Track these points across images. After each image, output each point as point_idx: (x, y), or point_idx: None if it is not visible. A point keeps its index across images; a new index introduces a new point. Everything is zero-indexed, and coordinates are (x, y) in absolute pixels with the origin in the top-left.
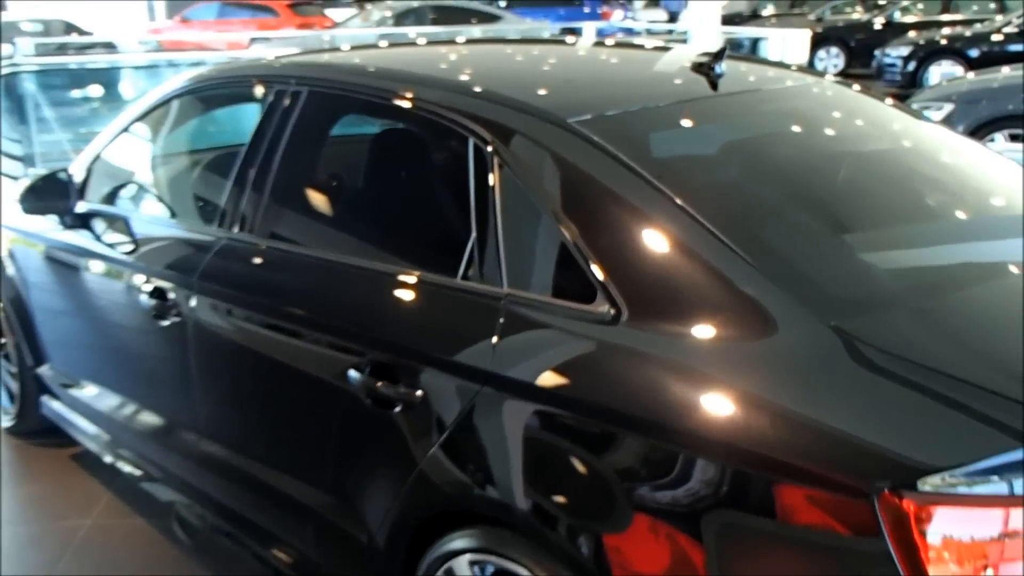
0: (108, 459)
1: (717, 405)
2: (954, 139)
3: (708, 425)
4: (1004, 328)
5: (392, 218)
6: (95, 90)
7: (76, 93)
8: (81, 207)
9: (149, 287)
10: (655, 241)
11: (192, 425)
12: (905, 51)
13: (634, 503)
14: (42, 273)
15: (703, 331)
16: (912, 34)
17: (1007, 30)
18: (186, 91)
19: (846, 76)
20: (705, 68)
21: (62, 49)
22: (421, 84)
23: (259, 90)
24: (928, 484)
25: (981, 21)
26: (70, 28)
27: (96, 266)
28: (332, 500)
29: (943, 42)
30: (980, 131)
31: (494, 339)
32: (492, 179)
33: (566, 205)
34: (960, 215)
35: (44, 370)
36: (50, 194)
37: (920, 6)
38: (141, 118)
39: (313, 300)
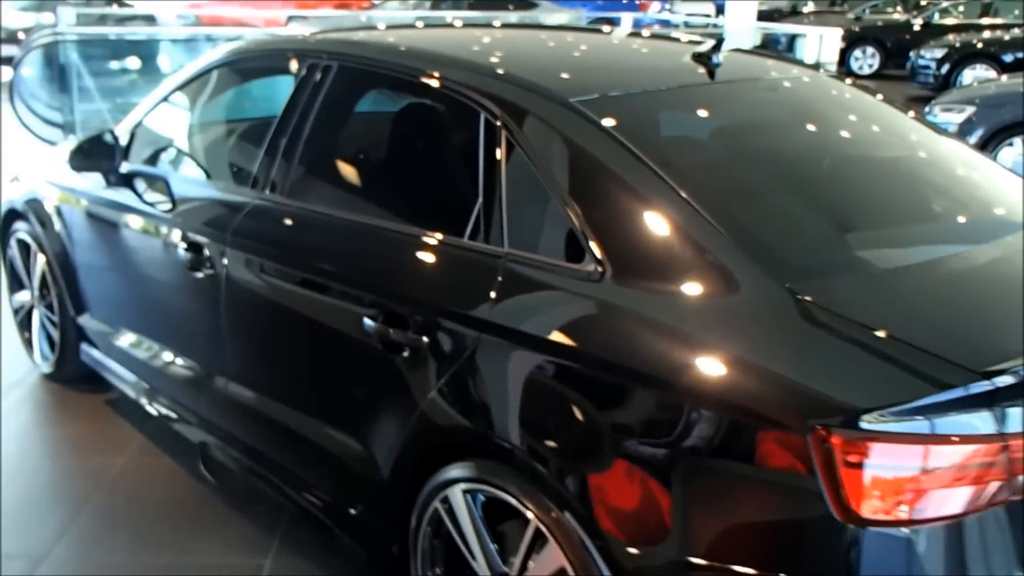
0: (142, 402)
1: (681, 353)
2: (929, 131)
3: (672, 370)
4: (938, 296)
5: (408, 184)
6: (133, 62)
7: (115, 64)
8: (125, 167)
9: (185, 242)
10: (639, 209)
11: (221, 370)
12: (939, 53)
13: (607, 439)
14: (85, 228)
15: (676, 289)
16: (950, 36)
17: None
18: (225, 63)
19: (880, 77)
20: (704, 58)
21: (103, 20)
22: (441, 63)
23: (293, 63)
24: (858, 422)
25: (1020, 26)
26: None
27: (136, 222)
28: (345, 437)
29: (979, 45)
30: (999, 135)
31: (493, 293)
32: (499, 151)
33: (562, 175)
34: (920, 198)
35: (84, 319)
36: (97, 154)
37: (960, 9)
38: (182, 87)
39: (335, 256)
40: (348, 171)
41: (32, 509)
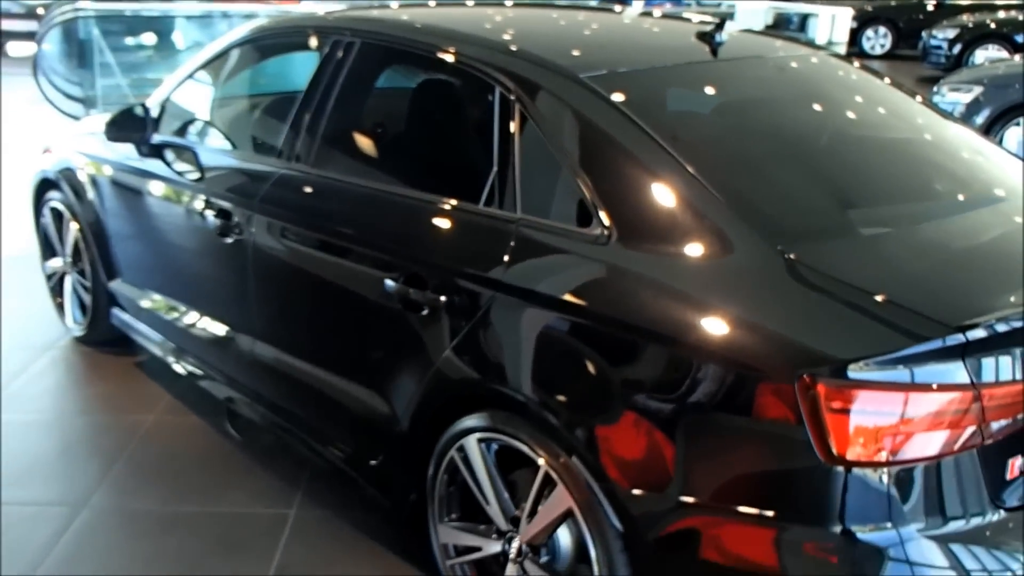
0: (170, 361)
1: (679, 310)
2: (923, 109)
3: (670, 326)
4: (919, 259)
5: (427, 154)
6: (152, 38)
7: (134, 40)
8: (155, 138)
9: (214, 209)
10: (642, 177)
11: (248, 330)
12: (952, 33)
13: (611, 390)
14: (117, 197)
15: (676, 251)
16: (963, 17)
17: None
18: (248, 40)
19: (892, 57)
20: (708, 37)
21: None
22: (459, 40)
23: (316, 40)
24: (841, 371)
25: None
26: None
27: (166, 190)
28: (366, 392)
29: (991, 26)
30: (1007, 115)
31: (507, 255)
32: (513, 123)
33: (572, 146)
34: (901, 164)
35: (115, 284)
36: (129, 126)
37: None
38: (209, 63)
39: (358, 222)
40: (370, 142)
41: (69, 460)
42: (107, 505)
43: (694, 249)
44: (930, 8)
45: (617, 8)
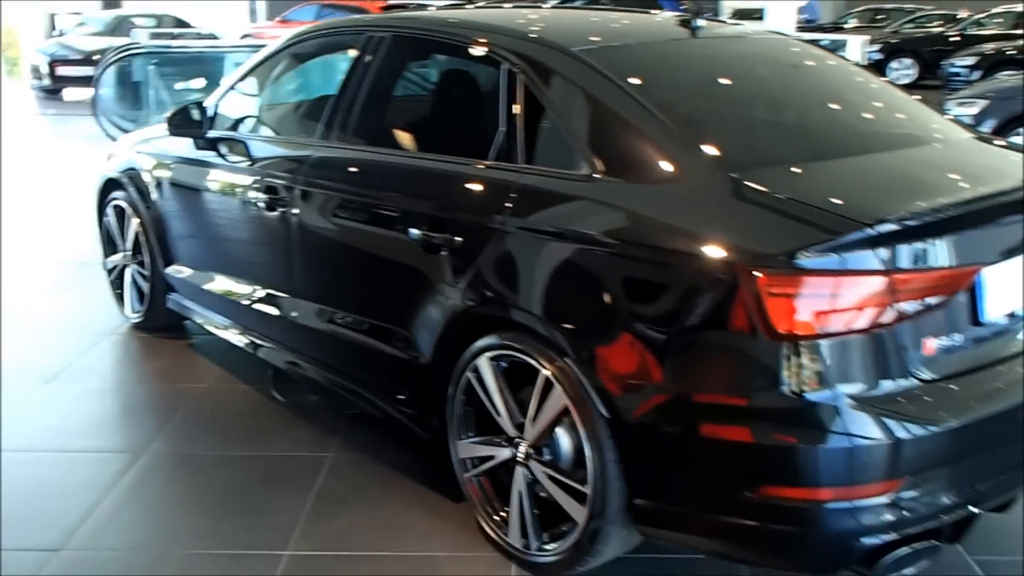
0: (221, 334)
1: (648, 227)
2: (853, 69)
3: (642, 240)
4: (848, 181)
5: (444, 123)
6: (201, 76)
7: (184, 78)
8: (211, 134)
9: (263, 187)
10: (620, 125)
11: (292, 292)
12: (971, 60)
13: (595, 300)
14: (175, 189)
15: (647, 181)
16: (984, 45)
17: None
18: (289, 45)
19: (917, 87)
20: (688, 23)
21: (172, 39)
22: (469, 27)
23: (349, 39)
24: (779, 262)
25: None
26: (180, 23)
27: (220, 177)
28: (395, 330)
29: (1009, 52)
30: (1009, 125)
31: (510, 198)
32: (516, 91)
33: (561, 104)
34: (837, 113)
35: (171, 269)
36: (189, 123)
37: (996, 20)
38: (255, 68)
39: (387, 185)
40: (395, 118)
41: (130, 417)
42: (164, 450)
43: (661, 178)
44: (954, 39)
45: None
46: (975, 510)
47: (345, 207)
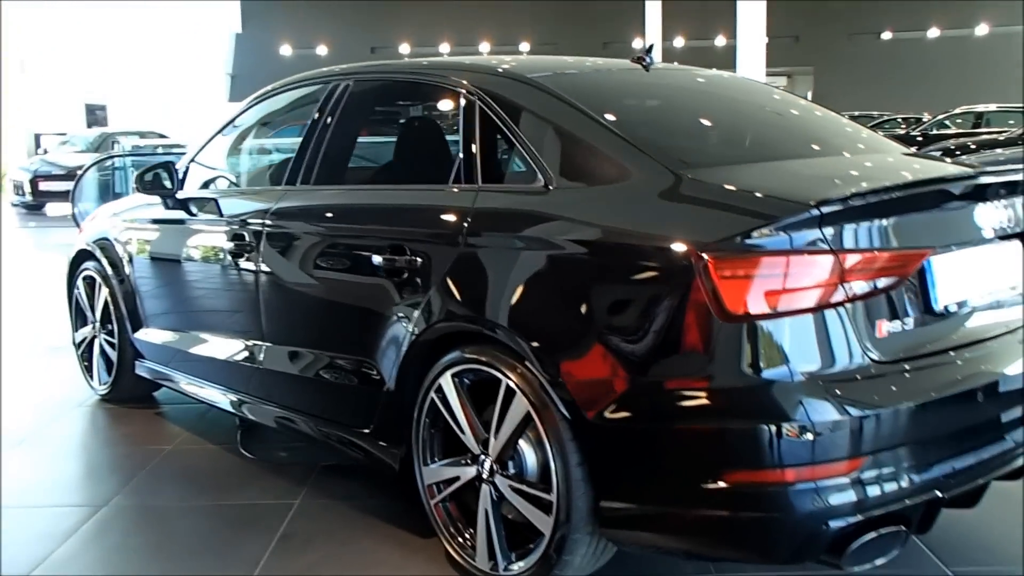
0: (190, 390)
1: (602, 227)
2: (790, 97)
3: (597, 238)
4: (785, 176)
5: (406, 154)
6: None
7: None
8: (180, 194)
9: (230, 235)
10: (571, 140)
11: (260, 337)
12: (937, 154)
13: (557, 302)
14: (146, 252)
15: (603, 185)
16: (950, 142)
17: None
18: (258, 100)
19: None
20: (641, 59)
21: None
22: (426, 66)
23: (315, 87)
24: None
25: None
26: (162, 137)
27: (191, 235)
28: (360, 360)
29: (972, 145)
30: None
31: (470, 216)
32: (475, 117)
33: (517, 123)
34: (777, 125)
35: (140, 334)
36: (159, 183)
37: (958, 121)
38: (224, 128)
39: (352, 217)
40: (359, 156)
41: (93, 476)
42: (127, 503)
43: (612, 181)
44: (918, 139)
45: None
46: (940, 495)
47: (308, 245)
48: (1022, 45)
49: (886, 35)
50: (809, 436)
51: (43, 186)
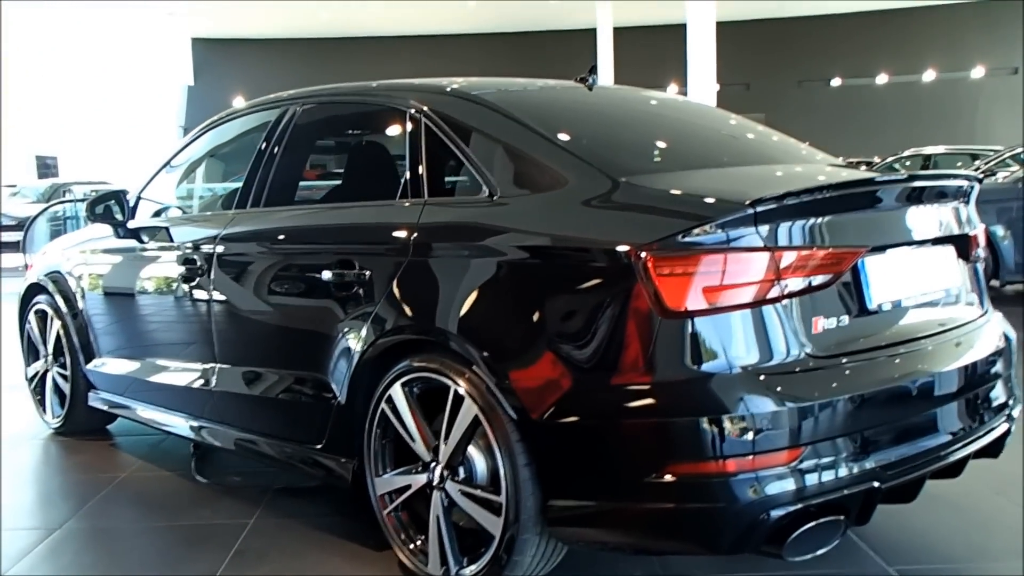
0: (144, 417)
1: (546, 232)
2: (727, 115)
3: (540, 242)
4: (715, 181)
5: (354, 171)
6: None
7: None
8: (131, 224)
9: (182, 259)
10: (513, 152)
11: (213, 358)
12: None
13: (503, 307)
14: (97, 282)
15: (544, 192)
16: None
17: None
18: (208, 128)
19: None
20: (584, 79)
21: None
22: (370, 88)
23: (264, 112)
24: (664, 245)
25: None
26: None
27: (141, 263)
28: (313, 379)
29: None
30: None
31: (416, 229)
32: (421, 134)
33: (463, 139)
34: (711, 140)
35: (92, 364)
36: (109, 213)
37: (907, 164)
38: (173, 158)
39: (300, 236)
40: (305, 178)
41: (46, 502)
42: (79, 526)
43: (553, 188)
44: None
45: None
46: (878, 485)
47: (258, 266)
48: (970, 89)
49: (835, 82)
50: (748, 427)
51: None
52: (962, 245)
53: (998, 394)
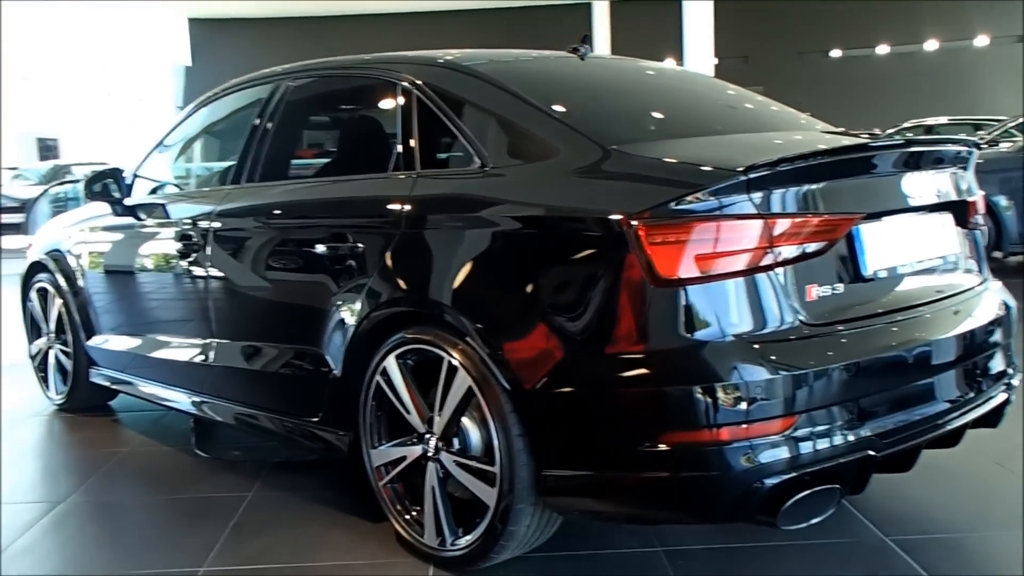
0: (143, 392)
1: (539, 202)
2: (723, 84)
3: (533, 212)
4: (707, 149)
5: (347, 145)
6: None
7: None
8: (128, 201)
9: (178, 236)
10: (504, 122)
11: (210, 333)
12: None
13: (495, 277)
14: (97, 260)
15: (536, 161)
16: None
17: None
18: (203, 103)
19: None
20: (576, 50)
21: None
22: (363, 60)
23: (258, 87)
24: (655, 213)
25: None
26: None
27: (140, 240)
28: (309, 353)
29: None
30: None
31: (408, 201)
32: (413, 106)
33: (454, 110)
34: (704, 109)
35: (93, 341)
36: (107, 191)
37: (908, 134)
38: (169, 134)
39: (294, 211)
40: (300, 151)
41: (49, 477)
42: (82, 500)
43: (546, 158)
44: None
45: None
46: (873, 454)
47: (253, 241)
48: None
49: (835, 53)
50: (742, 396)
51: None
52: (960, 212)
53: (997, 363)
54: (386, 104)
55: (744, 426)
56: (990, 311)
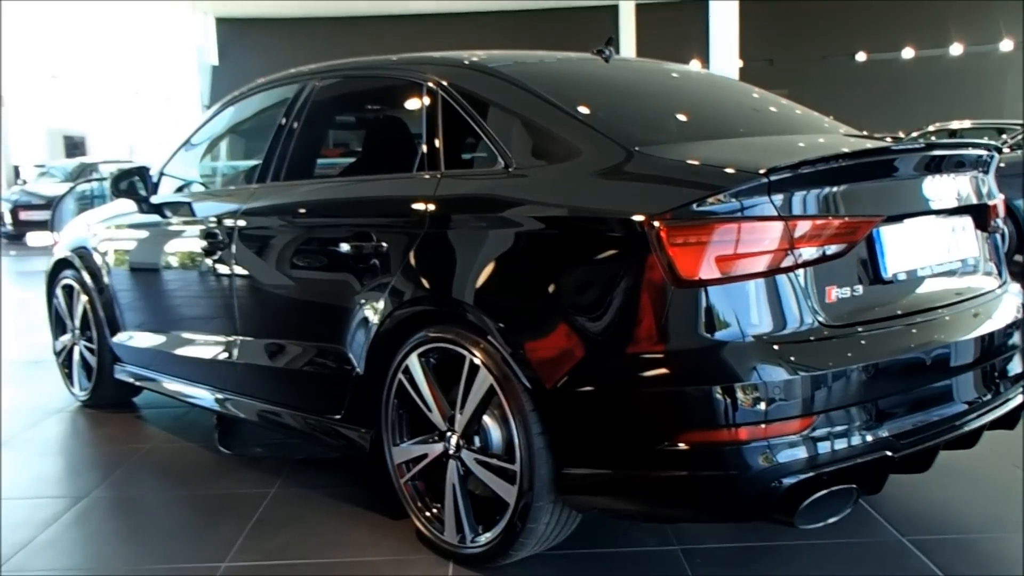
0: (167, 388)
1: (562, 202)
2: (740, 84)
3: (557, 213)
4: (728, 151)
5: (372, 145)
6: None
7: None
8: (154, 199)
9: (203, 234)
10: (528, 124)
11: (234, 331)
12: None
13: (517, 277)
14: (122, 258)
15: (560, 163)
16: None
17: None
18: (230, 102)
19: None
20: (601, 52)
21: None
22: (389, 61)
23: (284, 87)
24: (677, 214)
25: None
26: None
27: (166, 238)
28: (332, 350)
29: None
30: None
31: (432, 201)
32: (438, 106)
33: (479, 111)
34: (727, 111)
35: (118, 337)
36: (133, 189)
37: (932, 138)
38: (195, 133)
39: (319, 210)
40: (325, 152)
41: (73, 473)
42: (105, 495)
43: (570, 159)
44: None
45: None
46: (890, 454)
47: (279, 239)
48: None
49: (860, 56)
50: (761, 395)
51: (23, 216)
52: (980, 215)
53: (1015, 365)
54: (411, 104)
55: (763, 426)
56: (1009, 314)
